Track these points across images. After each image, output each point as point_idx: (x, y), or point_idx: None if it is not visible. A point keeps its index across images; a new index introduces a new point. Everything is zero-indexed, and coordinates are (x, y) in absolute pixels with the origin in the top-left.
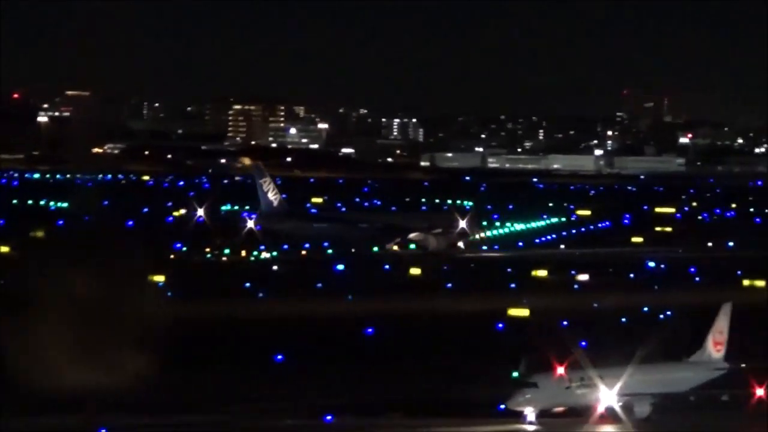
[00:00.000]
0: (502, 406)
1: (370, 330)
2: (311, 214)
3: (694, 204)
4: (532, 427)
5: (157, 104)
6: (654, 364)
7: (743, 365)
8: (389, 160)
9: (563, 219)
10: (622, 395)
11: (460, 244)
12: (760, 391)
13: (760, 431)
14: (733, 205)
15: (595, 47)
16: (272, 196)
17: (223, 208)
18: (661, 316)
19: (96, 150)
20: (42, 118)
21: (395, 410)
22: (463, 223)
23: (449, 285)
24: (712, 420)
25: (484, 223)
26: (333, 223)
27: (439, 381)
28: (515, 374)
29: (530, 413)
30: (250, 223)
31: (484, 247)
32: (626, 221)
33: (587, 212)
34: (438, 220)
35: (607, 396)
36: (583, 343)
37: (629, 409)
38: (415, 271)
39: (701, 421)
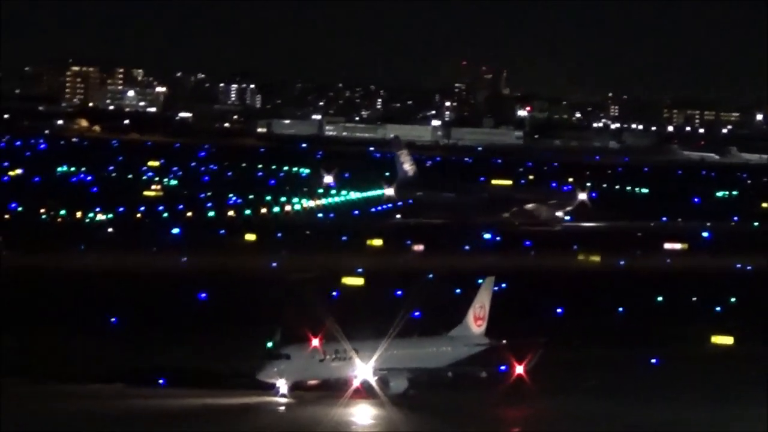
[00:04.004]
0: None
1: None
2: (440, 184)
3: (531, 177)
4: (284, 400)
5: None
6: (412, 339)
7: (504, 341)
8: (226, 125)
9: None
10: (378, 369)
11: (559, 214)
12: (519, 368)
13: (518, 410)
14: (570, 180)
15: (434, 17)
16: (408, 167)
17: (60, 169)
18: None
19: None
20: None
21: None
22: (582, 196)
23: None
24: (470, 396)
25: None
26: (458, 193)
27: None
28: (269, 344)
29: (282, 385)
30: (390, 191)
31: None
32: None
33: None
34: (554, 193)
35: (362, 370)
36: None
37: (385, 383)
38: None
39: (458, 397)
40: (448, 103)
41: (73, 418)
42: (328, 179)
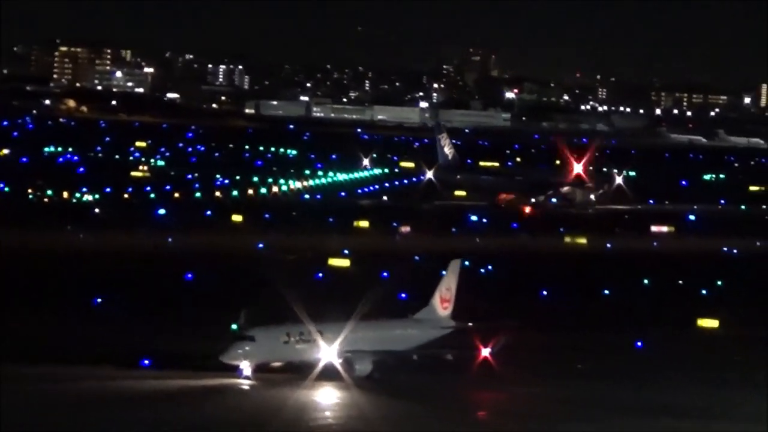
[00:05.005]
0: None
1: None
2: (479, 167)
3: (518, 159)
4: (248, 382)
5: None
6: (377, 321)
7: (470, 324)
8: (214, 106)
9: (386, 170)
10: (342, 352)
11: (592, 197)
12: (485, 351)
13: (485, 393)
14: (557, 162)
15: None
16: (448, 150)
17: (47, 149)
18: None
19: None
20: None
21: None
22: (619, 179)
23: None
24: (435, 379)
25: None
26: (497, 176)
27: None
28: (234, 326)
29: (246, 367)
30: (429, 174)
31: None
32: None
33: (411, 164)
34: (591, 176)
35: (327, 352)
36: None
37: (350, 366)
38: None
39: (424, 380)
40: (436, 85)
41: (48, 399)
42: (366, 162)
